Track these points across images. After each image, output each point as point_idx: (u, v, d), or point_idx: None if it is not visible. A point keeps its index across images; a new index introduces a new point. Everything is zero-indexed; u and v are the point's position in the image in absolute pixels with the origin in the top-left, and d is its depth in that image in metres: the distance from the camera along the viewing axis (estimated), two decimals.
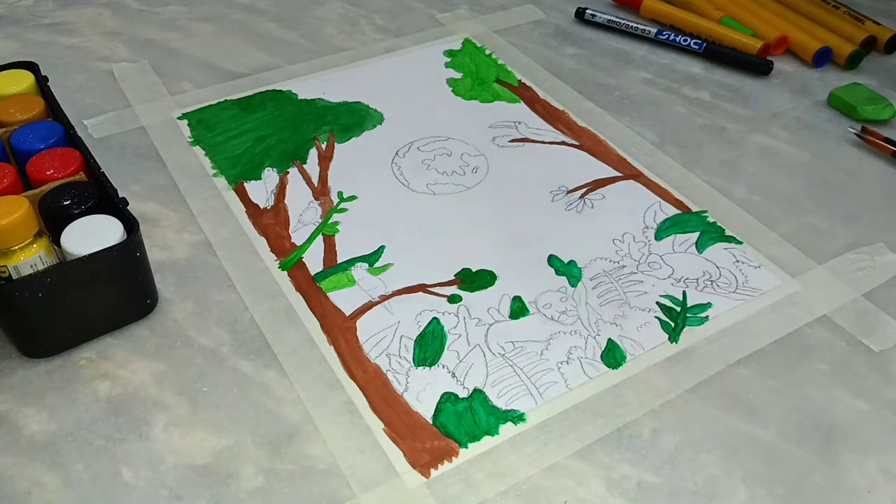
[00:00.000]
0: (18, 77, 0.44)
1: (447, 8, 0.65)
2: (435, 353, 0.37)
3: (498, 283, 0.41)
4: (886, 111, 0.53)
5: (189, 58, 0.59)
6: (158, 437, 0.34)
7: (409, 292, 0.40)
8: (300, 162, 0.49)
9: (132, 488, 0.32)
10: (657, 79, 0.58)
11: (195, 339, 0.38)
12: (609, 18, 0.63)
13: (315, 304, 0.40)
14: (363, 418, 0.34)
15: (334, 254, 0.43)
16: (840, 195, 0.48)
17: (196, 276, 0.41)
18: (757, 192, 0.48)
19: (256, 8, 0.65)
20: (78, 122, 0.51)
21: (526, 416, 0.35)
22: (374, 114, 0.53)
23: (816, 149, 0.51)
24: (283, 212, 0.45)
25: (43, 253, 0.36)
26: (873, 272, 0.42)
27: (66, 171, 0.38)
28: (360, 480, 0.32)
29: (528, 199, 0.46)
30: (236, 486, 0.32)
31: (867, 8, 0.64)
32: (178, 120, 0.52)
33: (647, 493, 0.32)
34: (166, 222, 0.44)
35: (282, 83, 0.56)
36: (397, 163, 0.49)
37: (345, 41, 0.61)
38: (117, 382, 0.36)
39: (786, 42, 0.60)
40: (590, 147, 0.51)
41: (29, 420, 0.34)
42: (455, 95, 0.55)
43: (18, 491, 0.32)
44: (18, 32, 0.61)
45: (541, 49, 0.61)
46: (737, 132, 0.53)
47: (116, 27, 0.62)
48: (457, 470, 0.33)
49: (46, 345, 0.37)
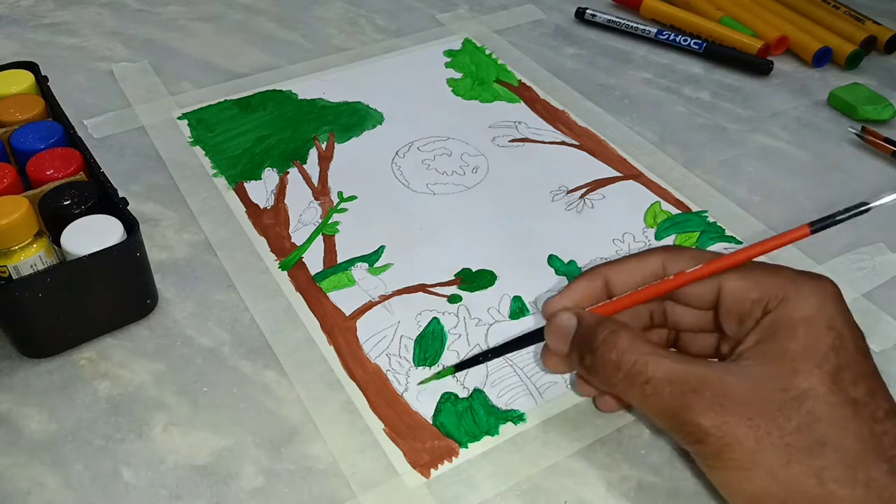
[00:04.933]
0: (18, 77, 0.44)
1: (447, 8, 0.65)
2: (435, 353, 0.37)
3: (498, 283, 0.41)
4: (886, 111, 0.53)
5: (189, 58, 0.59)
6: (158, 437, 0.34)
7: (409, 292, 0.40)
8: (300, 162, 0.49)
9: (132, 488, 0.32)
10: (657, 79, 0.58)
11: (195, 339, 0.38)
12: (609, 18, 0.63)
13: (315, 304, 0.40)
14: (363, 418, 0.34)
15: (334, 254, 0.43)
16: (840, 195, 0.48)
17: (196, 276, 0.41)
18: (757, 192, 0.48)
19: (256, 8, 0.65)
20: (78, 122, 0.51)
21: (526, 416, 0.35)
22: (374, 114, 0.53)
23: (816, 149, 0.51)
24: (283, 212, 0.45)
25: (43, 253, 0.36)
26: (873, 272, 0.42)
27: (66, 171, 0.38)
28: (360, 480, 0.32)
29: (528, 199, 0.46)
30: (236, 486, 0.32)
31: (867, 8, 0.64)
32: (178, 120, 0.52)
33: (648, 494, 0.32)
34: (166, 222, 0.44)
35: (282, 83, 0.56)
36: (397, 163, 0.49)
37: (345, 41, 0.61)
38: (117, 382, 0.36)
39: (786, 42, 0.60)
40: (590, 147, 0.51)
41: (29, 420, 0.34)
42: (455, 95, 0.55)
43: (18, 491, 0.32)
44: (18, 32, 0.61)
45: (541, 49, 0.61)
46: (737, 132, 0.53)
47: (116, 27, 0.62)
48: (457, 470, 0.33)
49: (46, 345, 0.37)
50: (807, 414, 0.26)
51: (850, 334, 0.27)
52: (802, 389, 0.26)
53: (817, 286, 0.28)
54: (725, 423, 0.26)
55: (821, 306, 0.27)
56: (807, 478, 0.25)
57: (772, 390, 0.26)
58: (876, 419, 0.26)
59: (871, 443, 0.25)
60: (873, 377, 0.27)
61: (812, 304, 0.27)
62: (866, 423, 0.26)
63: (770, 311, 0.28)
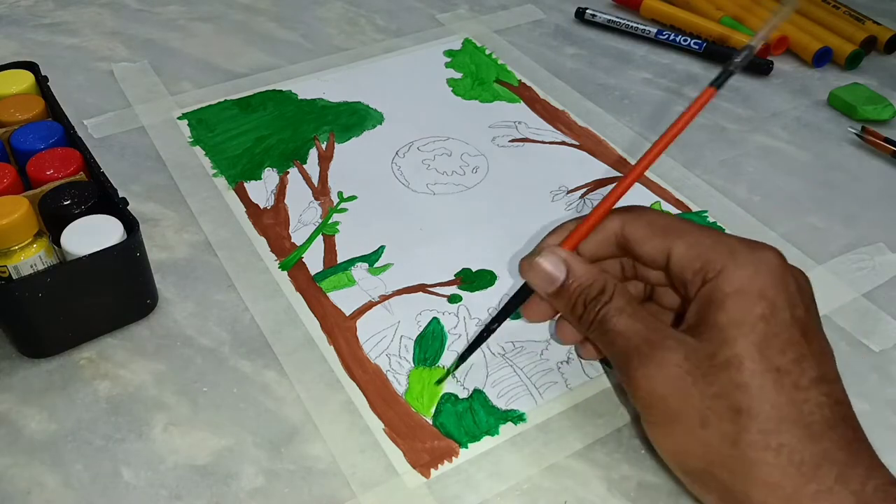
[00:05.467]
0: (18, 77, 0.44)
1: (447, 8, 0.65)
2: (435, 354, 0.37)
3: (498, 283, 0.41)
4: (886, 111, 0.53)
5: (189, 58, 0.59)
6: (158, 437, 0.34)
7: (409, 292, 0.40)
8: (300, 162, 0.49)
9: (132, 488, 0.32)
10: (657, 79, 0.58)
11: (195, 339, 0.38)
12: (609, 18, 0.63)
13: (315, 304, 0.40)
14: (363, 418, 0.34)
15: (334, 254, 0.43)
16: (840, 195, 0.48)
17: (196, 276, 0.41)
18: (757, 191, 0.48)
19: (256, 8, 0.65)
20: (78, 122, 0.51)
21: (526, 416, 0.35)
22: (374, 114, 0.53)
23: (816, 149, 0.51)
24: (283, 212, 0.45)
25: (43, 253, 0.36)
26: (873, 272, 0.42)
27: (66, 171, 0.38)
28: (360, 480, 0.32)
29: (528, 199, 0.47)
30: (236, 486, 0.32)
31: (867, 8, 0.64)
32: (178, 120, 0.52)
33: (648, 494, 0.32)
34: (166, 222, 0.44)
35: (282, 83, 0.56)
36: (397, 163, 0.49)
37: (345, 41, 0.61)
38: (117, 382, 0.36)
39: (786, 42, 0.60)
40: (590, 147, 0.51)
41: (29, 420, 0.34)
42: (455, 95, 0.55)
43: (18, 491, 0.32)
44: (18, 32, 0.61)
45: (541, 49, 0.61)
46: (737, 132, 0.53)
47: (116, 27, 0.62)
48: (457, 470, 0.33)
49: (46, 345, 0.37)
50: (728, 381, 0.27)
51: (784, 303, 0.28)
52: (727, 357, 0.27)
53: (755, 257, 0.29)
54: (653, 379, 0.28)
55: (755, 276, 0.28)
56: (722, 440, 0.27)
57: (701, 357, 0.28)
58: (798, 387, 0.27)
59: (789, 409, 0.27)
60: (803, 345, 0.28)
61: (747, 274, 0.28)
62: (787, 391, 0.27)
63: (708, 282, 0.29)
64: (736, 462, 0.27)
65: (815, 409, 0.27)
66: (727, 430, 0.27)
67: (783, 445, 0.26)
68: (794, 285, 0.29)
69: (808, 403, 0.27)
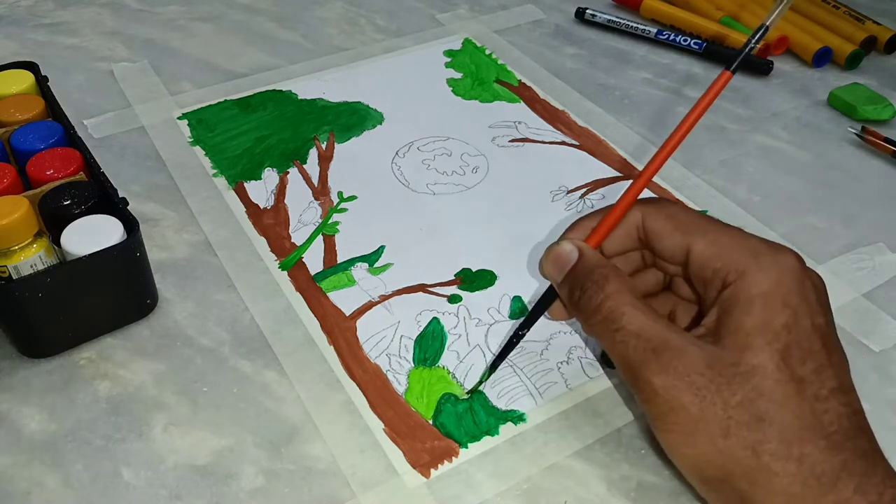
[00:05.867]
0: (18, 77, 0.44)
1: (447, 8, 0.65)
2: (435, 354, 0.37)
3: (498, 283, 0.41)
4: (886, 111, 0.53)
5: (189, 58, 0.59)
6: (158, 437, 0.34)
7: (409, 292, 0.40)
8: (300, 162, 0.49)
9: (132, 488, 0.32)
10: (657, 79, 0.58)
11: (195, 339, 0.38)
12: (609, 18, 0.63)
13: (315, 304, 0.40)
14: (363, 418, 0.34)
15: (334, 254, 0.43)
16: (840, 195, 0.48)
17: (196, 276, 0.41)
18: (757, 192, 0.48)
19: (256, 8, 0.65)
20: (78, 122, 0.51)
21: (526, 416, 0.35)
22: (374, 114, 0.53)
23: (816, 149, 0.51)
24: (283, 212, 0.45)
25: (43, 253, 0.36)
26: (873, 272, 0.42)
27: (66, 171, 0.38)
28: (360, 480, 0.32)
29: (528, 199, 0.47)
30: (236, 486, 0.32)
31: (867, 8, 0.64)
32: (178, 120, 0.52)
33: (648, 493, 0.32)
34: (166, 222, 0.44)
35: (282, 83, 0.56)
36: (397, 163, 0.49)
37: (345, 41, 0.61)
38: (117, 382, 0.36)
39: (786, 42, 0.60)
40: (590, 147, 0.51)
41: (29, 420, 0.34)
42: (455, 95, 0.55)
43: (18, 491, 0.32)
44: (18, 32, 0.61)
45: (541, 49, 0.61)
46: (737, 132, 0.53)
47: (116, 27, 0.62)
48: (457, 470, 0.33)
49: (46, 345, 0.37)
50: (751, 389, 0.27)
51: (805, 311, 0.28)
52: (752, 366, 0.27)
53: (777, 260, 0.29)
54: (674, 388, 0.27)
55: (779, 282, 0.28)
56: (743, 450, 0.27)
57: (724, 364, 0.27)
58: (819, 397, 0.27)
59: (811, 420, 0.26)
60: (823, 355, 0.28)
61: (770, 280, 0.28)
62: (808, 401, 0.27)
63: (729, 285, 0.29)
64: (756, 472, 0.27)
65: (834, 420, 0.27)
66: (749, 440, 0.27)
67: (805, 456, 0.26)
68: (813, 293, 0.28)
69: (829, 414, 0.27)
